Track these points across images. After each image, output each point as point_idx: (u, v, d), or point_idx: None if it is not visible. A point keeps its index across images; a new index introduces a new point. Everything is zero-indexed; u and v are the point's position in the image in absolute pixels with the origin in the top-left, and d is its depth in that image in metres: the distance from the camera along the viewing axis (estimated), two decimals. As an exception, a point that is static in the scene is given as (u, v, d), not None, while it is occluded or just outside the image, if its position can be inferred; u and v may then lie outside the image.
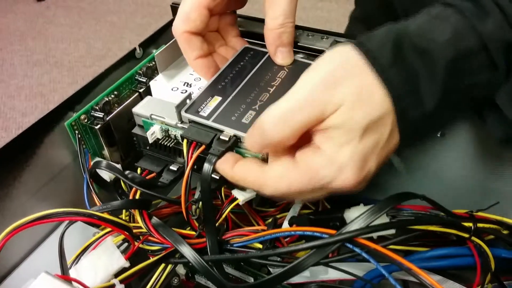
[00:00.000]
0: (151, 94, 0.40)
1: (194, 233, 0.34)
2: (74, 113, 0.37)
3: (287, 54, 0.35)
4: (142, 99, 0.37)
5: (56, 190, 0.38)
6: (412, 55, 0.26)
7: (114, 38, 1.64)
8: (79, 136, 0.37)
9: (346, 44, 0.27)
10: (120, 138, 0.39)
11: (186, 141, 0.32)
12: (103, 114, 0.38)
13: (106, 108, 0.38)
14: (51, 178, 0.38)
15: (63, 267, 0.30)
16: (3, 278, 0.36)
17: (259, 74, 0.35)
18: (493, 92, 0.27)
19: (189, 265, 0.36)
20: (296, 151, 0.28)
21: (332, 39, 0.38)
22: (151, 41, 0.44)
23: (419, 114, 0.26)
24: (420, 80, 0.25)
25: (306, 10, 1.67)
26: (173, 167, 0.36)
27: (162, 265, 0.34)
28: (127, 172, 0.35)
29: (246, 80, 0.35)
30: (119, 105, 0.39)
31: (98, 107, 0.38)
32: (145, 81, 0.41)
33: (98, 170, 0.36)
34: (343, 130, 0.25)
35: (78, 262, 0.32)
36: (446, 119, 0.33)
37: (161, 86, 0.39)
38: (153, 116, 0.35)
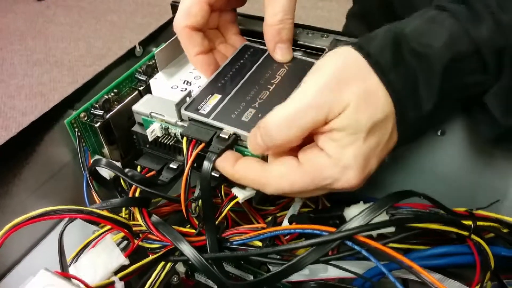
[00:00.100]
0: (151, 92, 0.40)
1: (194, 231, 0.34)
2: (74, 111, 0.37)
3: (286, 51, 0.35)
4: (142, 97, 0.37)
5: (56, 188, 0.38)
6: (410, 59, 0.26)
7: (114, 38, 1.64)
8: (79, 134, 0.37)
9: (347, 46, 0.27)
10: (120, 136, 0.39)
11: (185, 139, 0.32)
12: (103, 112, 0.38)
13: (106, 106, 0.38)
14: (51, 176, 0.38)
15: (63, 265, 0.30)
16: (3, 276, 0.36)
17: (259, 72, 0.35)
18: (482, 93, 0.28)
19: (188, 263, 0.36)
20: (297, 151, 0.28)
21: (331, 38, 0.37)
22: (151, 39, 0.44)
23: (418, 116, 0.27)
24: (419, 83, 0.26)
25: (306, 9, 1.67)
26: (173, 165, 0.35)
27: (162, 263, 0.34)
28: (127, 170, 0.35)
29: (246, 78, 0.35)
30: (119, 103, 0.39)
31: (98, 105, 0.38)
32: (145, 79, 0.41)
33: (98, 168, 0.36)
34: (348, 132, 0.26)
35: (78, 260, 0.32)
36: (442, 119, 0.34)
37: (161, 84, 0.39)
38: (153, 114, 0.35)
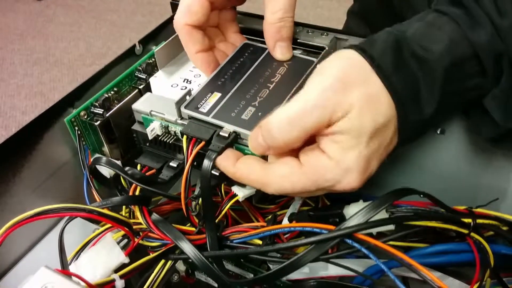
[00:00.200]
0: (151, 91, 0.40)
1: (194, 229, 0.34)
2: (73, 109, 0.37)
3: (286, 49, 0.35)
4: (141, 96, 0.37)
5: (56, 186, 0.38)
6: (412, 63, 0.27)
7: (114, 37, 1.64)
8: (79, 132, 0.37)
9: (349, 49, 0.27)
10: (120, 134, 0.39)
11: (185, 137, 0.32)
12: (103, 110, 0.38)
13: (106, 104, 0.38)
14: (51, 174, 0.38)
15: (63, 263, 0.30)
16: (4, 274, 0.36)
17: (259, 70, 0.35)
18: (481, 95, 0.29)
19: (189, 261, 0.36)
20: (298, 151, 0.28)
21: (332, 36, 0.37)
22: (151, 37, 0.44)
23: (419, 119, 0.27)
24: (420, 86, 0.26)
25: (307, 8, 1.67)
26: (173, 164, 0.36)
27: (162, 261, 0.34)
28: (127, 168, 0.35)
29: (245, 76, 0.35)
30: (119, 101, 0.39)
31: (98, 104, 0.38)
32: (144, 77, 0.41)
33: (98, 166, 0.36)
34: (351, 135, 0.26)
35: (78, 258, 0.32)
36: (442, 121, 0.34)
37: (160, 82, 0.39)
38: (152, 112, 0.35)
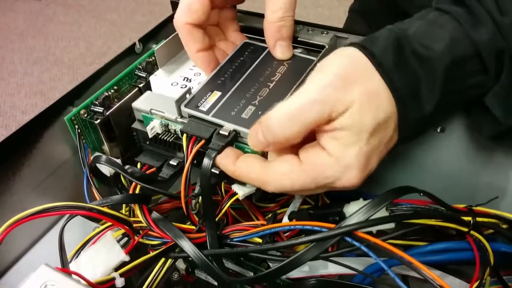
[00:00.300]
0: (151, 89, 0.40)
1: (194, 227, 0.34)
2: (73, 107, 0.37)
3: (287, 48, 0.35)
4: (141, 94, 0.37)
5: (56, 184, 0.38)
6: (413, 60, 0.27)
7: (114, 36, 1.64)
8: (79, 130, 0.37)
9: (350, 47, 0.27)
10: (120, 133, 0.39)
11: (185, 135, 0.32)
12: (103, 109, 0.38)
13: (106, 103, 0.38)
14: (51, 172, 0.38)
15: (63, 261, 0.30)
16: (4, 272, 0.36)
17: (259, 69, 0.35)
18: (482, 93, 0.29)
19: (189, 259, 0.36)
20: (298, 149, 0.28)
21: (332, 34, 0.37)
22: (151, 36, 0.44)
23: (419, 116, 0.27)
24: (421, 84, 0.27)
25: (307, 8, 1.67)
26: (173, 162, 0.36)
27: (162, 259, 0.34)
28: (127, 166, 0.35)
29: (245, 75, 0.35)
30: (119, 100, 0.39)
31: (98, 102, 0.38)
32: (144, 76, 0.41)
33: (98, 164, 0.36)
34: (351, 132, 0.26)
35: (78, 256, 0.32)
36: (442, 119, 0.34)
37: (160, 81, 0.39)
38: (152, 110, 0.35)
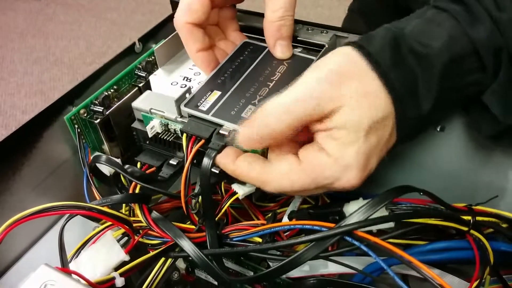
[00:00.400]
0: (151, 89, 0.40)
1: (194, 227, 0.34)
2: (73, 107, 0.37)
3: (286, 48, 0.35)
4: (141, 94, 0.37)
5: (55, 184, 0.38)
6: (410, 59, 0.26)
7: (114, 36, 1.64)
8: (79, 130, 0.37)
9: (347, 46, 0.27)
10: (119, 132, 0.39)
11: (185, 135, 0.32)
12: (103, 108, 0.38)
13: (106, 102, 0.38)
14: (51, 172, 0.38)
15: (63, 260, 0.30)
16: (4, 272, 0.36)
17: (259, 69, 0.35)
18: (480, 91, 0.28)
19: (189, 259, 0.36)
20: (298, 149, 0.28)
21: (331, 34, 0.37)
22: (151, 35, 0.44)
23: (417, 115, 0.27)
24: (418, 82, 0.26)
25: (307, 8, 1.67)
26: (172, 162, 0.36)
27: (162, 259, 0.34)
28: (127, 166, 0.35)
29: (245, 74, 0.35)
30: (119, 99, 0.39)
31: (97, 102, 0.38)
32: (144, 75, 0.41)
33: (98, 164, 0.36)
34: (347, 131, 0.26)
35: (78, 256, 0.32)
36: (441, 118, 0.34)
37: (160, 80, 0.39)
38: (152, 110, 0.35)
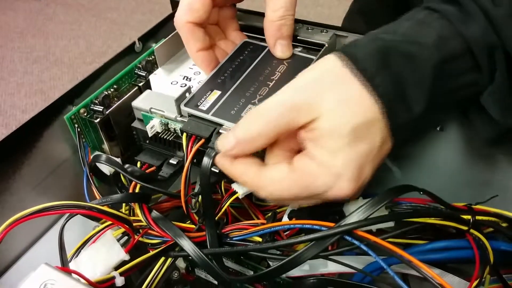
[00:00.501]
0: (151, 88, 0.40)
1: (194, 226, 0.34)
2: (73, 106, 0.37)
3: (287, 47, 0.35)
4: (141, 93, 0.37)
5: (55, 183, 0.38)
6: (398, 61, 0.26)
7: (114, 35, 1.64)
8: (79, 129, 0.37)
9: (335, 53, 0.27)
10: (119, 132, 0.39)
11: (185, 134, 0.32)
12: (103, 108, 0.38)
13: (106, 102, 0.38)
14: (51, 172, 0.38)
15: (63, 260, 0.30)
16: (4, 271, 0.36)
17: (259, 68, 0.35)
18: (477, 93, 0.28)
19: (189, 258, 0.36)
20: (292, 157, 0.28)
21: (331, 33, 0.37)
22: (151, 35, 0.44)
23: (409, 118, 0.26)
24: (407, 85, 0.26)
25: (307, 7, 1.67)
26: (172, 161, 0.36)
27: (162, 258, 0.34)
28: (127, 165, 0.35)
29: (245, 74, 0.35)
30: (119, 99, 0.39)
31: (97, 101, 0.38)
32: (144, 75, 0.41)
33: (98, 164, 0.36)
34: (331, 138, 0.26)
35: (78, 255, 0.32)
36: (439, 119, 0.33)
37: (160, 80, 0.39)
38: (152, 109, 0.35)
